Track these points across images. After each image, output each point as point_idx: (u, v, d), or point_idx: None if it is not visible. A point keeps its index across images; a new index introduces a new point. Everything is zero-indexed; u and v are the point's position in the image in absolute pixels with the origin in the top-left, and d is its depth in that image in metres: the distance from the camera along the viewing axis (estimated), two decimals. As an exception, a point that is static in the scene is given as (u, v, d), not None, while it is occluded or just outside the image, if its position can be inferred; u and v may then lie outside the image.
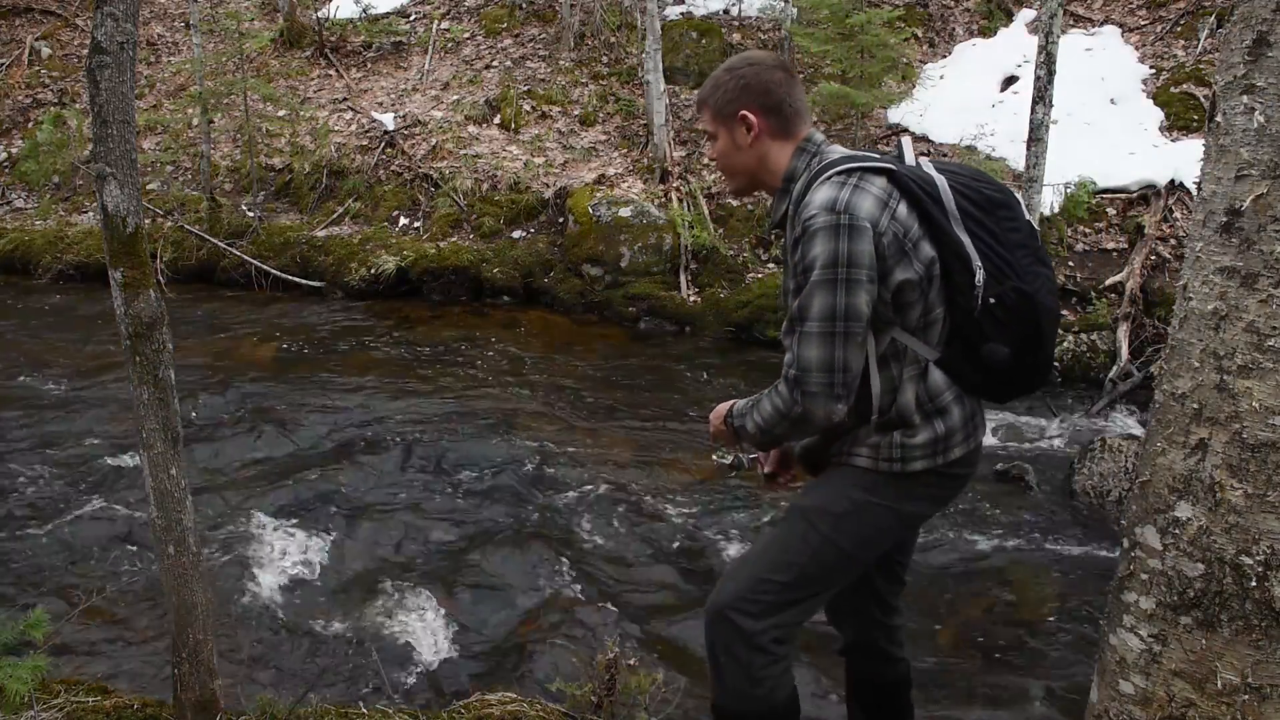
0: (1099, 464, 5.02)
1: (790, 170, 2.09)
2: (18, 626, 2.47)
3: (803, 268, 1.93)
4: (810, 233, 1.91)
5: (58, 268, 8.61)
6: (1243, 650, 1.79)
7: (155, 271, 3.66)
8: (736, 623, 2.10)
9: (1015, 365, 2.04)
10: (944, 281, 1.99)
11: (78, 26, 11.66)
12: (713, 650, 2.17)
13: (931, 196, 1.98)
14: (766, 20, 10.09)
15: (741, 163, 2.14)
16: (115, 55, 2.12)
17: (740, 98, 2.08)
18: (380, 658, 3.64)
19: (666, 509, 4.78)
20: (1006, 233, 2.02)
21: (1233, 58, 1.73)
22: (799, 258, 1.95)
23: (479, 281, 8.05)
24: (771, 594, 2.10)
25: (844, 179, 1.95)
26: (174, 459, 2.39)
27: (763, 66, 2.10)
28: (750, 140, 2.09)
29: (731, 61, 2.14)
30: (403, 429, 5.57)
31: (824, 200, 1.92)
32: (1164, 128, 8.09)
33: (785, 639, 2.13)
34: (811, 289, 1.91)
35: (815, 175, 2.01)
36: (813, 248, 1.91)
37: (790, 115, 2.08)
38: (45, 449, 5.30)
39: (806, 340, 1.93)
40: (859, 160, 1.99)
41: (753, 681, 2.11)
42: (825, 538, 2.10)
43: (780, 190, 2.11)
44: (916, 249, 1.95)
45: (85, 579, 4.14)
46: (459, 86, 10.03)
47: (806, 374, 1.93)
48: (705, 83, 2.17)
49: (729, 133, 2.12)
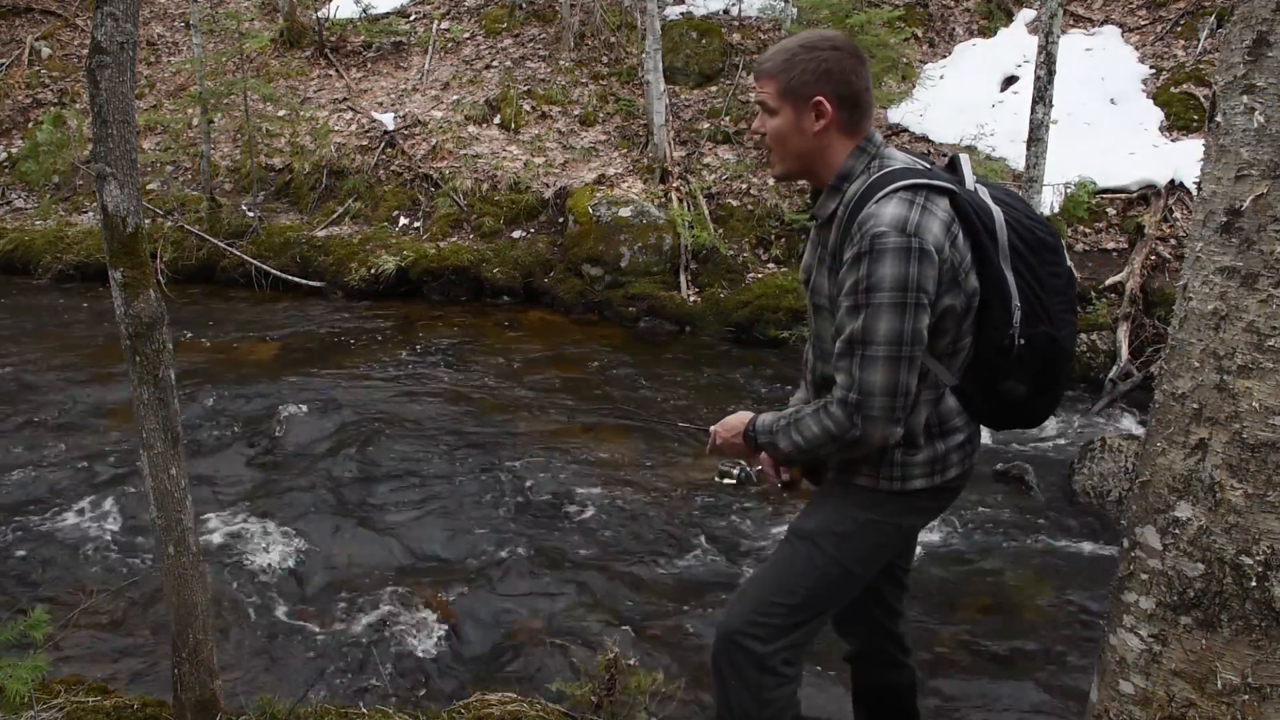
0: (1099, 464, 5.02)
1: (847, 169, 2.00)
2: (18, 626, 2.47)
3: (867, 285, 1.85)
4: (879, 251, 1.84)
5: (58, 268, 8.60)
6: (1243, 650, 1.79)
7: (155, 271, 3.66)
8: (746, 646, 2.10)
9: (1027, 402, 2.07)
10: (980, 314, 1.99)
11: (78, 26, 11.66)
12: (720, 673, 2.16)
13: (988, 230, 1.96)
14: (766, 20, 10.09)
15: (798, 147, 2.01)
16: (115, 55, 2.12)
17: (818, 82, 1.95)
18: (380, 658, 3.64)
19: (666, 509, 4.78)
20: (1048, 277, 2.02)
21: (1233, 58, 1.73)
22: (862, 274, 1.86)
23: (479, 281, 8.05)
24: (779, 616, 2.10)
25: (912, 197, 1.88)
26: (174, 459, 2.39)
27: (844, 53, 1.96)
28: (818, 129, 1.97)
29: (810, 38, 1.99)
30: (402, 429, 5.57)
31: (895, 219, 1.85)
32: (1164, 128, 8.10)
33: (794, 660, 2.14)
34: (877, 311, 1.85)
35: (876, 183, 1.93)
36: (881, 267, 1.84)
37: (864, 111, 1.99)
38: (45, 449, 5.30)
39: (871, 364, 1.87)
40: (923, 176, 1.92)
41: (761, 704, 2.11)
42: (830, 558, 2.11)
43: (831, 187, 2.01)
44: (965, 279, 1.94)
45: (85, 579, 4.14)
46: (459, 86, 10.03)
47: (869, 398, 1.88)
48: (774, 52, 2.01)
49: (794, 114, 1.98)
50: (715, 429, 2.23)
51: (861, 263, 1.86)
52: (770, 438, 2.08)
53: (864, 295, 1.86)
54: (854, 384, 1.89)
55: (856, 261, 1.87)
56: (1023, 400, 2.06)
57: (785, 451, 2.05)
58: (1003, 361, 2.01)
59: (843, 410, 1.91)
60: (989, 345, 2.01)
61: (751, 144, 8.81)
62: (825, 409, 1.95)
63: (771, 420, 2.08)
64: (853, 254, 1.88)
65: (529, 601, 4.03)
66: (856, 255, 1.87)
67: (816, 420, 1.96)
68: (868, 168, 1.98)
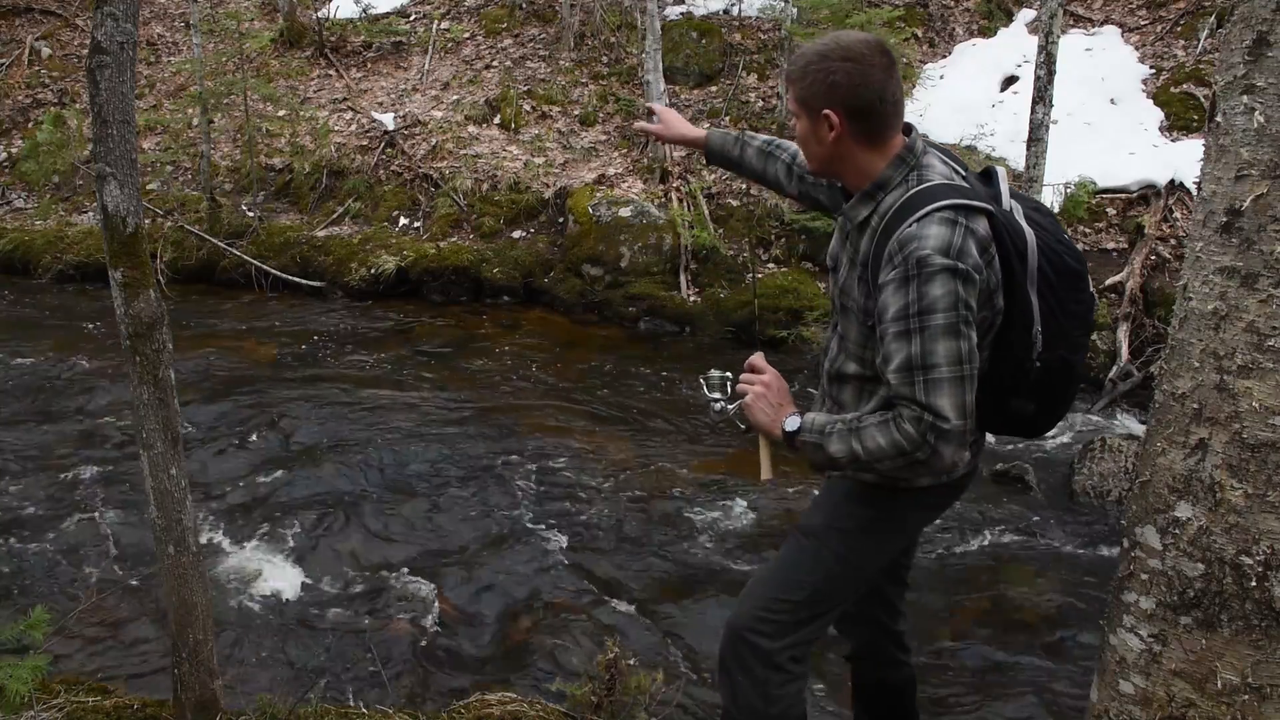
0: (1099, 464, 5.02)
1: (884, 178, 1.97)
2: (18, 626, 2.47)
3: (919, 309, 1.83)
4: (928, 274, 1.82)
5: (58, 268, 8.60)
6: (1243, 650, 1.79)
7: (155, 271, 3.66)
8: (754, 643, 2.11)
9: (1032, 419, 2.09)
10: (1002, 334, 1.99)
11: (78, 26, 11.66)
12: (727, 670, 2.16)
13: (1020, 254, 1.95)
14: (766, 20, 10.09)
15: (818, 153, 2.03)
16: (115, 55, 2.12)
17: (826, 96, 1.93)
18: (380, 658, 3.64)
19: (666, 509, 4.78)
20: (1070, 303, 2.02)
21: (1233, 58, 1.73)
22: (912, 298, 1.84)
23: (479, 281, 8.05)
24: (786, 613, 2.11)
25: (954, 217, 1.86)
26: (174, 459, 2.39)
27: (858, 63, 1.91)
28: (831, 138, 1.97)
29: (826, 46, 1.95)
30: (403, 429, 5.57)
31: (940, 242, 1.83)
32: (1164, 128, 8.10)
33: (802, 657, 2.15)
34: (934, 334, 1.83)
35: (915, 199, 1.90)
36: (932, 289, 1.82)
37: (881, 118, 1.94)
38: (45, 449, 5.30)
39: (938, 386, 1.84)
40: (963, 195, 1.90)
41: (768, 700, 2.11)
42: (836, 555, 2.12)
43: (866, 194, 2.00)
44: (993, 298, 1.94)
45: (85, 579, 4.14)
46: (459, 86, 10.03)
47: (945, 420, 1.83)
48: (797, 56, 2.01)
49: (810, 123, 1.99)
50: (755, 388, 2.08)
51: (910, 286, 1.84)
52: (819, 439, 1.96)
53: (916, 319, 1.84)
54: (927, 406, 1.85)
55: (904, 284, 1.85)
56: (1030, 417, 2.08)
57: (833, 455, 1.95)
58: (1016, 382, 2.02)
59: (916, 428, 1.85)
60: (1006, 365, 2.01)
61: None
62: (895, 422, 1.88)
63: (825, 422, 1.97)
64: (897, 276, 1.86)
65: (529, 601, 4.03)
66: (903, 278, 1.85)
67: (885, 433, 1.88)
68: (905, 179, 1.95)
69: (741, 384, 2.12)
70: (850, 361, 2.07)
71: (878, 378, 1.98)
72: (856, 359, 2.06)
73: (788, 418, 2.02)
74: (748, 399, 2.08)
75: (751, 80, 9.60)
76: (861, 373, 2.06)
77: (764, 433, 2.08)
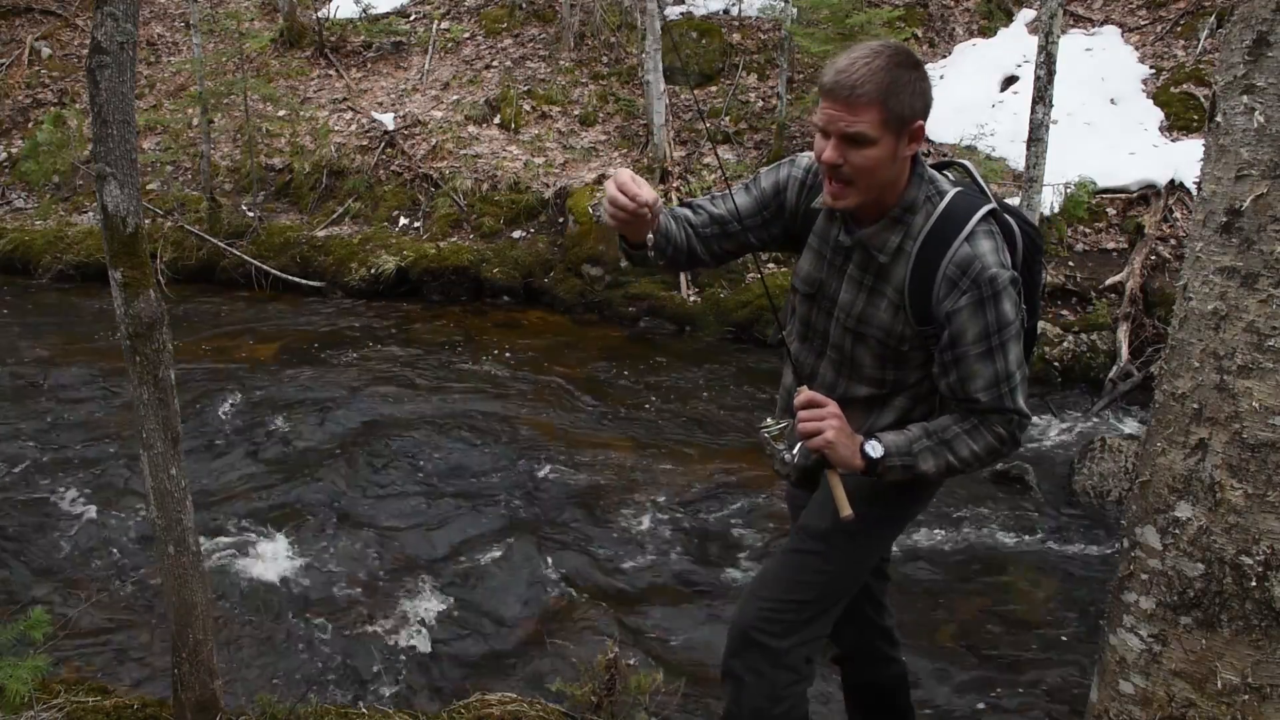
0: (1099, 464, 5.02)
1: (911, 200, 1.91)
2: (18, 626, 2.47)
3: (998, 326, 1.89)
4: (999, 292, 1.87)
5: (58, 268, 8.59)
6: (1243, 650, 1.79)
7: (155, 271, 3.66)
8: (763, 642, 2.12)
9: None
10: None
11: (78, 26, 11.65)
12: (733, 672, 2.16)
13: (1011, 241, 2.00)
14: (766, 20, 10.08)
15: (886, 178, 1.87)
16: (115, 55, 2.12)
17: (923, 108, 1.84)
18: (380, 658, 3.64)
19: (666, 509, 4.78)
20: (1038, 275, 2.10)
21: (1233, 58, 1.73)
22: (991, 318, 1.87)
23: (479, 281, 8.05)
24: (793, 612, 2.13)
25: (990, 227, 1.92)
26: (174, 459, 2.39)
27: (920, 69, 1.84)
28: (907, 154, 1.87)
29: (902, 54, 1.81)
30: (403, 429, 5.56)
31: (996, 255, 1.89)
32: (1164, 128, 8.09)
33: (812, 656, 2.16)
34: (1008, 345, 1.91)
35: (948, 217, 1.90)
36: (1004, 304, 1.88)
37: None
38: (45, 449, 5.30)
39: (1018, 390, 1.96)
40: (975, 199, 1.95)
41: (775, 700, 2.12)
42: (841, 552, 2.15)
43: (894, 219, 1.92)
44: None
45: (85, 579, 4.14)
46: (459, 86, 10.03)
47: (1025, 416, 1.98)
48: (862, 73, 1.76)
49: (895, 143, 1.82)
50: (831, 423, 1.90)
51: (987, 308, 1.88)
52: (909, 460, 1.94)
53: (996, 336, 1.91)
54: (1016, 408, 1.96)
55: (980, 307, 1.88)
56: None
57: (923, 472, 1.95)
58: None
59: (1006, 429, 1.96)
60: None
61: (751, 145, 8.81)
62: (986, 428, 1.96)
63: (906, 441, 1.95)
64: (970, 300, 1.87)
65: (529, 601, 4.03)
66: (978, 301, 1.88)
67: (979, 439, 1.96)
68: (928, 198, 1.93)
69: (808, 424, 1.91)
70: (861, 385, 2.07)
71: (893, 393, 2.05)
72: (871, 381, 2.06)
73: (865, 445, 1.94)
74: (828, 436, 1.89)
75: (751, 80, 9.60)
76: (873, 393, 2.08)
77: (845, 467, 1.93)
